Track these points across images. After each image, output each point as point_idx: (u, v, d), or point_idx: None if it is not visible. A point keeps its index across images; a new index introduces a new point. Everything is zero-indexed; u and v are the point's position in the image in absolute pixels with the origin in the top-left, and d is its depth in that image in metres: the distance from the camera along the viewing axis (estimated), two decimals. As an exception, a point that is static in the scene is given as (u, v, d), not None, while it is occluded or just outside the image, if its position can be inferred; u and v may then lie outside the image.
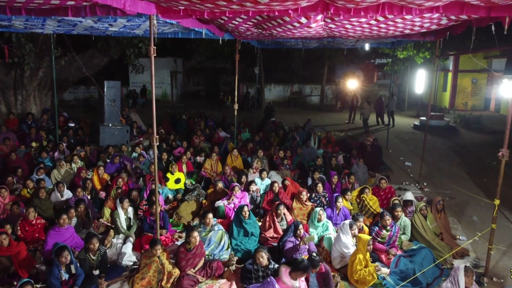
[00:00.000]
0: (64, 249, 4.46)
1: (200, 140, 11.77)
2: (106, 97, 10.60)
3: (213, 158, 9.54)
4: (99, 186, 8.06)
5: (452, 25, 6.00)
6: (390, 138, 13.62)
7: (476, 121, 17.55)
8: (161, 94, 27.35)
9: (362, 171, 9.24)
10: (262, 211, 7.08)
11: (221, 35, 8.22)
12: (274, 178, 8.61)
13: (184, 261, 5.01)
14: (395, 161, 11.82)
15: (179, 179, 8.48)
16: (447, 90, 21.38)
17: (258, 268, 4.68)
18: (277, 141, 12.65)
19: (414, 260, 5.38)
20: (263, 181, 8.10)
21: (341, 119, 20.42)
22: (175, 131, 15.67)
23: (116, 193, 6.92)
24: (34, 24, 6.88)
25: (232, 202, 6.75)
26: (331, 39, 9.12)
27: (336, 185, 7.96)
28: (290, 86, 27.12)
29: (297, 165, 10.13)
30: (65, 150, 10.03)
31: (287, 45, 12.14)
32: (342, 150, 12.53)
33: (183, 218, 6.78)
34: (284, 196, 7.15)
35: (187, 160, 9.41)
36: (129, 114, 13.53)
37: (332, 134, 13.60)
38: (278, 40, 10.04)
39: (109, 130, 10.69)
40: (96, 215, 6.81)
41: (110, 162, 9.06)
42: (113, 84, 10.90)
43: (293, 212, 6.67)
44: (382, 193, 7.52)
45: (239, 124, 14.99)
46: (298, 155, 10.29)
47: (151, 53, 5.34)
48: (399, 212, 6.04)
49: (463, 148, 13.76)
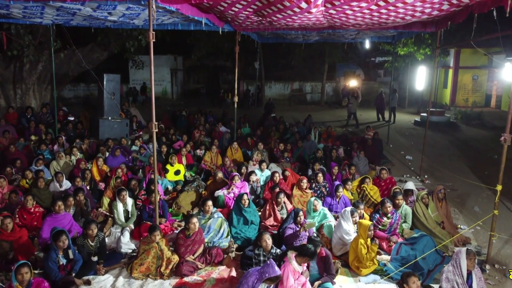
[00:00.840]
0: (62, 233, 4.42)
1: (201, 134, 11.72)
2: (105, 90, 10.56)
3: (213, 151, 9.50)
4: (98, 177, 8.02)
5: (454, 11, 5.94)
6: (391, 134, 13.57)
7: (477, 117, 17.50)
8: (161, 91, 27.32)
9: (362, 163, 9.19)
10: (262, 201, 7.03)
11: (221, 25, 8.17)
12: (274, 170, 8.58)
13: (183, 248, 4.96)
14: (395, 155, 11.77)
15: (178, 171, 8.44)
16: (448, 87, 21.32)
17: (260, 253, 4.63)
18: (277, 136, 12.61)
19: (416, 247, 5.32)
20: (263, 172, 8.05)
21: (342, 116, 20.36)
22: (175, 127, 15.69)
23: (115, 183, 6.88)
24: (32, 13, 6.84)
25: (232, 192, 6.70)
26: (331, 31, 9.07)
27: (337, 176, 7.91)
28: (290, 83, 27.08)
29: (298, 158, 10.08)
30: (64, 143, 9.99)
31: (287, 39, 12.10)
32: (342, 144, 12.49)
33: (183, 208, 6.73)
34: (284, 186, 7.10)
35: (186, 153, 9.36)
36: (129, 109, 13.50)
37: (332, 129, 13.55)
38: (278, 32, 10.00)
39: (109, 124, 10.64)
40: (94, 205, 6.77)
41: (112, 155, 8.98)
42: (113, 78, 10.85)
43: (293, 199, 6.62)
44: (383, 183, 7.47)
45: (239, 119, 14.97)
46: (298, 148, 10.24)
47: (150, 39, 5.30)
48: (400, 200, 5.98)
49: (464, 143, 13.70)
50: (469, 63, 20.70)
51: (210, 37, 17.21)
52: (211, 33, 17.23)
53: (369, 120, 18.96)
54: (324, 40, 12.70)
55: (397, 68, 23.52)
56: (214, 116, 16.78)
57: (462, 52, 20.58)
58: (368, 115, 20.48)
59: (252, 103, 22.86)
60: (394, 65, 23.39)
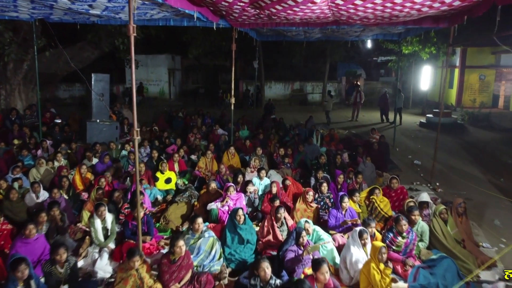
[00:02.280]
0: (21, 262, 3.73)
1: (196, 138, 11.02)
2: (93, 91, 9.87)
3: (208, 156, 8.82)
4: (81, 186, 7.34)
5: (475, 2, 5.25)
6: (396, 136, 12.88)
7: (484, 118, 16.79)
8: (158, 92, 26.63)
9: (369, 170, 8.49)
10: (260, 215, 6.34)
11: (215, 20, 7.48)
12: (274, 178, 7.89)
13: (168, 275, 4.27)
14: (403, 159, 11.08)
15: (169, 179, 7.75)
16: (454, 87, 20.62)
17: (256, 284, 3.94)
18: (277, 139, 11.93)
19: (435, 272, 4.65)
20: (261, 181, 7.37)
21: (344, 117, 19.70)
22: (171, 129, 15.01)
23: (96, 195, 6.18)
24: (4, 5, 6.15)
25: (226, 205, 6.01)
26: (336, 27, 8.37)
27: (342, 185, 7.22)
28: (291, 83, 26.37)
29: (299, 164, 9.40)
30: (48, 148, 9.32)
31: (288, 36, 11.41)
32: (346, 148, 11.80)
33: (171, 223, 6.04)
34: (285, 198, 6.41)
35: (179, 159, 8.67)
36: (121, 110, 12.79)
37: (336, 131, 12.85)
38: (277, 29, 9.31)
39: (97, 127, 9.94)
40: (74, 219, 6.09)
41: (100, 162, 8.29)
42: (101, 77, 10.14)
43: (296, 214, 5.93)
44: (393, 194, 6.78)
45: (238, 121, 14.28)
46: (299, 152, 9.55)
47: (131, 32, 4.64)
48: (416, 216, 5.29)
49: (473, 146, 13.00)
50: (476, 62, 19.99)
51: (207, 35, 16.48)
52: (208, 30, 16.52)
53: (372, 121, 18.28)
54: (326, 38, 12.02)
55: (401, 68, 22.82)
56: (212, 118, 16.12)
57: (469, 51, 19.88)
58: (371, 116, 19.80)
59: (252, 104, 22.15)
60: (399, 65, 22.78)
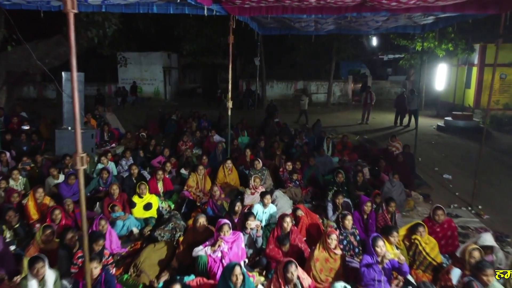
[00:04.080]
0: None
1: (187, 148, 9.41)
2: (64, 93, 8.27)
3: (200, 172, 7.23)
4: (36, 215, 5.76)
5: None
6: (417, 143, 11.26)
7: (510, 121, 15.18)
8: (153, 92, 25.04)
9: (397, 190, 6.89)
10: (264, 261, 4.76)
11: (208, 3, 5.89)
12: (281, 202, 6.33)
13: None
14: (428, 172, 9.49)
15: (149, 205, 6.16)
16: (471, 87, 19.00)
17: None
18: (281, 147, 10.34)
19: None
20: (266, 208, 5.79)
21: (352, 119, 18.10)
22: (163, 133, 13.44)
23: (43, 236, 4.56)
24: None
25: (219, 250, 4.41)
26: (355, 14, 6.78)
27: (370, 216, 5.62)
28: (294, 82, 24.74)
29: (309, 180, 7.82)
30: (9, 161, 7.74)
31: (295, 29, 9.82)
32: (361, 158, 10.24)
33: (144, 275, 4.44)
34: (297, 237, 4.82)
35: (164, 176, 7.07)
36: (103, 114, 11.17)
37: (348, 138, 11.25)
38: (285, 17, 7.72)
39: (68, 135, 8.31)
40: (14, 267, 4.51)
41: (65, 183, 6.65)
42: (74, 76, 8.51)
43: (315, 265, 4.32)
44: (438, 229, 5.19)
45: (237, 125, 12.69)
46: (310, 167, 7.96)
47: (68, 8, 3.05)
48: (489, 276, 3.69)
49: (506, 154, 11.39)
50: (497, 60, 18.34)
51: (201, 27, 14.80)
52: (202, 24, 14.87)
53: (384, 124, 16.68)
54: (338, 32, 10.43)
55: (414, 66, 21.25)
56: (208, 121, 14.51)
57: (488, 47, 18.26)
58: (382, 119, 18.20)
59: (252, 104, 20.56)
60: (410, 62, 21.20)
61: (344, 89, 24.67)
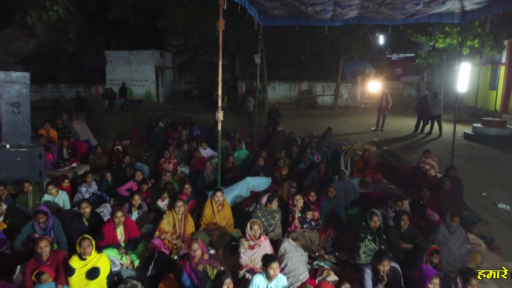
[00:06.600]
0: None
1: (166, 170, 7.28)
2: (2, 99, 6.21)
3: (178, 210, 5.16)
4: None
5: None
6: (445, 155, 9.22)
7: (550, 129, 13.14)
8: (144, 93, 23.00)
9: (457, 240, 4.79)
10: None
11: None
12: (292, 261, 4.29)
13: None
14: (474, 197, 7.44)
15: (96, 270, 4.07)
16: (498, 88, 16.98)
17: None
18: (287, 164, 8.30)
19: None
20: (271, 283, 3.73)
21: (364, 125, 16.04)
22: (148, 144, 11.41)
23: None
24: None
25: None
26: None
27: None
28: (298, 84, 22.64)
29: (328, 218, 5.77)
30: None
31: (305, 16, 7.79)
32: (387, 178, 8.23)
33: None
34: None
35: (123, 220, 4.95)
36: (68, 124, 9.06)
37: (370, 152, 9.18)
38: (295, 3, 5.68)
39: (6, 155, 6.24)
40: None
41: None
42: (16, 77, 6.37)
43: None
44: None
45: (233, 136, 10.64)
46: (330, 199, 5.88)
47: None
48: None
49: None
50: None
51: (190, 19, 12.60)
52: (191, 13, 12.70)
53: (402, 132, 14.57)
54: (356, 22, 8.44)
55: (431, 65, 19.20)
56: (201, 129, 12.46)
57: (517, 44, 16.25)
58: (398, 124, 16.08)
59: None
60: (428, 61, 19.14)
61: (353, 91, 22.59)
